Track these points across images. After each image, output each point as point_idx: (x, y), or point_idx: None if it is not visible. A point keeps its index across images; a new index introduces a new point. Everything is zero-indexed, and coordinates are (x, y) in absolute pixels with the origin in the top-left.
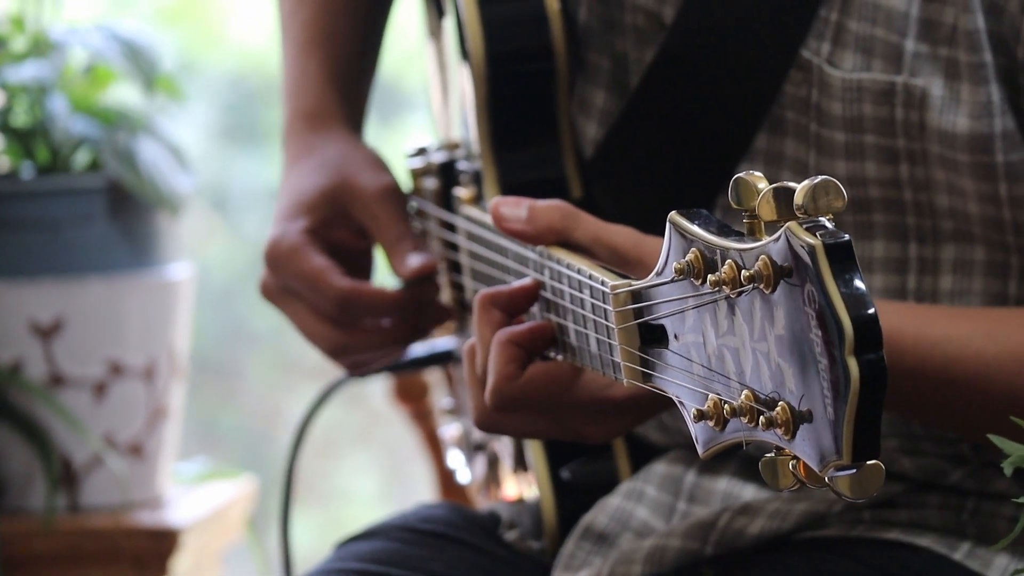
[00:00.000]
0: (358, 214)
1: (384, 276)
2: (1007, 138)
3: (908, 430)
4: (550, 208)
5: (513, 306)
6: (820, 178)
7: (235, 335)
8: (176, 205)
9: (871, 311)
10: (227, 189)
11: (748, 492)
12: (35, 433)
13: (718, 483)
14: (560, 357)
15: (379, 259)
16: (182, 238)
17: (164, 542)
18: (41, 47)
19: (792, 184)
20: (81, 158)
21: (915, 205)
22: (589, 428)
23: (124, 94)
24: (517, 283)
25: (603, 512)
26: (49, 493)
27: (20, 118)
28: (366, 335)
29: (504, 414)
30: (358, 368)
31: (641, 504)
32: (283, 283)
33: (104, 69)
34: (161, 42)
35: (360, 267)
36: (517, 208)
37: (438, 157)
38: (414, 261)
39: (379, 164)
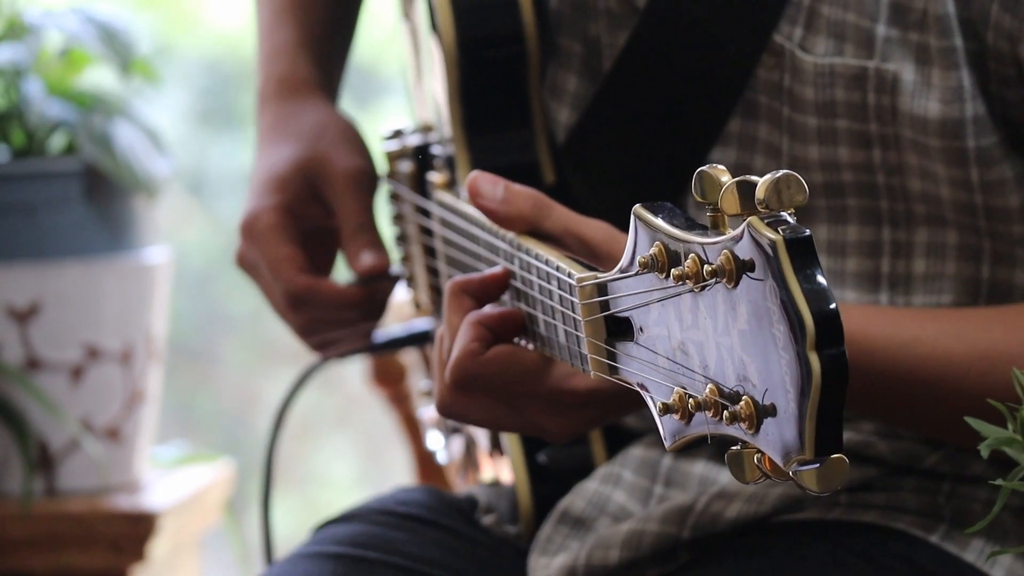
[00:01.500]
0: (326, 193)
1: None
2: (978, 123)
3: None
4: (524, 195)
5: (483, 294)
6: (782, 172)
7: (211, 319)
8: (152, 189)
9: (832, 306)
10: (203, 173)
11: (725, 476)
12: (11, 417)
13: (695, 467)
14: (531, 346)
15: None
16: (158, 222)
17: (141, 526)
18: (16, 30)
19: (754, 178)
20: (57, 142)
21: (888, 189)
22: (549, 421)
23: (100, 77)
24: (488, 271)
25: (580, 496)
26: (26, 477)
27: None
28: (327, 324)
29: (463, 394)
30: (326, 349)
31: (618, 488)
32: (254, 260)
33: (80, 52)
34: (137, 25)
35: (328, 244)
36: (494, 187)
37: (413, 140)
38: (366, 260)
39: (354, 140)
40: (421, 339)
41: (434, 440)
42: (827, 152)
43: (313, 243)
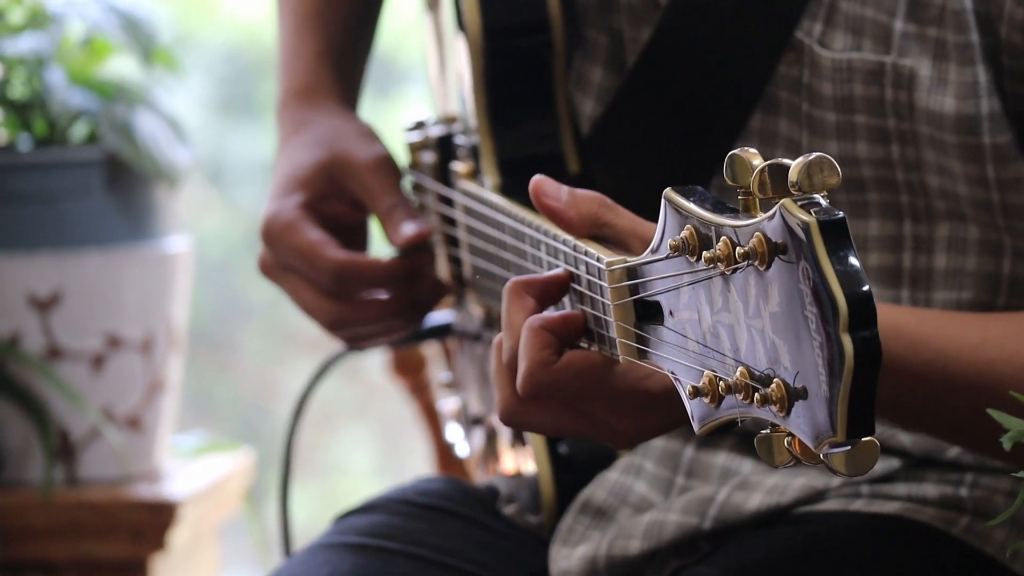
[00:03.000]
0: (352, 186)
1: (380, 248)
2: (994, 119)
3: None
4: (590, 197)
5: (545, 295)
6: (815, 155)
7: (231, 308)
8: (174, 178)
9: (865, 288)
10: (223, 162)
11: (746, 466)
12: (33, 406)
13: (716, 457)
14: (595, 347)
15: (375, 232)
16: (179, 211)
17: (162, 515)
18: (39, 19)
19: (787, 161)
20: (79, 130)
21: (907, 185)
22: (623, 422)
23: (122, 66)
24: (550, 272)
25: (601, 487)
26: (47, 466)
27: (18, 90)
28: (364, 308)
29: (533, 405)
30: (358, 342)
31: (640, 479)
32: (280, 259)
33: (102, 41)
34: (158, 14)
35: (356, 240)
36: (558, 188)
37: (436, 131)
38: (408, 229)
39: (372, 136)
40: (442, 332)
41: (453, 433)
42: (846, 147)
43: (339, 242)
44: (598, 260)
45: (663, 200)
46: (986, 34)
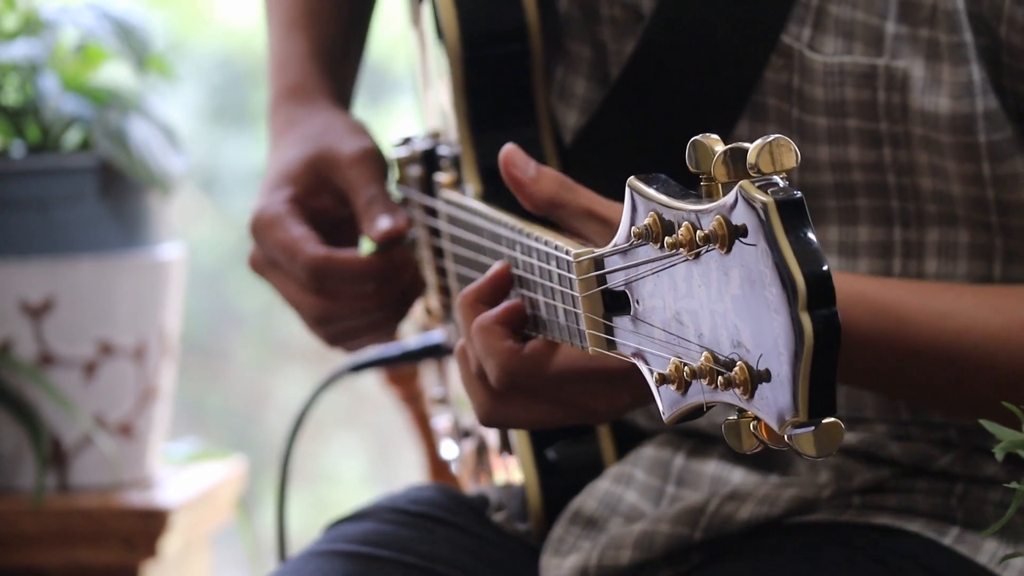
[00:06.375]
0: (337, 180)
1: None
2: (989, 118)
3: (896, 416)
4: (551, 175)
5: (493, 295)
6: (772, 137)
7: (223, 316)
8: (167, 185)
9: (824, 267)
10: (215, 170)
11: (737, 475)
12: (25, 412)
13: (707, 467)
14: (535, 334)
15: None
16: (172, 218)
17: (154, 522)
18: (32, 25)
19: (746, 144)
20: (72, 137)
21: (899, 189)
22: (597, 401)
23: (115, 73)
24: (490, 272)
25: (592, 496)
26: (39, 472)
27: (11, 96)
28: (347, 303)
29: (508, 400)
30: (343, 341)
31: (630, 488)
32: (266, 254)
33: (95, 48)
34: (152, 22)
35: (345, 235)
36: (526, 163)
37: (421, 145)
38: (382, 224)
39: (360, 130)
40: (436, 351)
41: (448, 450)
42: (837, 152)
43: (329, 237)
44: (566, 253)
45: (627, 188)
46: (980, 33)
